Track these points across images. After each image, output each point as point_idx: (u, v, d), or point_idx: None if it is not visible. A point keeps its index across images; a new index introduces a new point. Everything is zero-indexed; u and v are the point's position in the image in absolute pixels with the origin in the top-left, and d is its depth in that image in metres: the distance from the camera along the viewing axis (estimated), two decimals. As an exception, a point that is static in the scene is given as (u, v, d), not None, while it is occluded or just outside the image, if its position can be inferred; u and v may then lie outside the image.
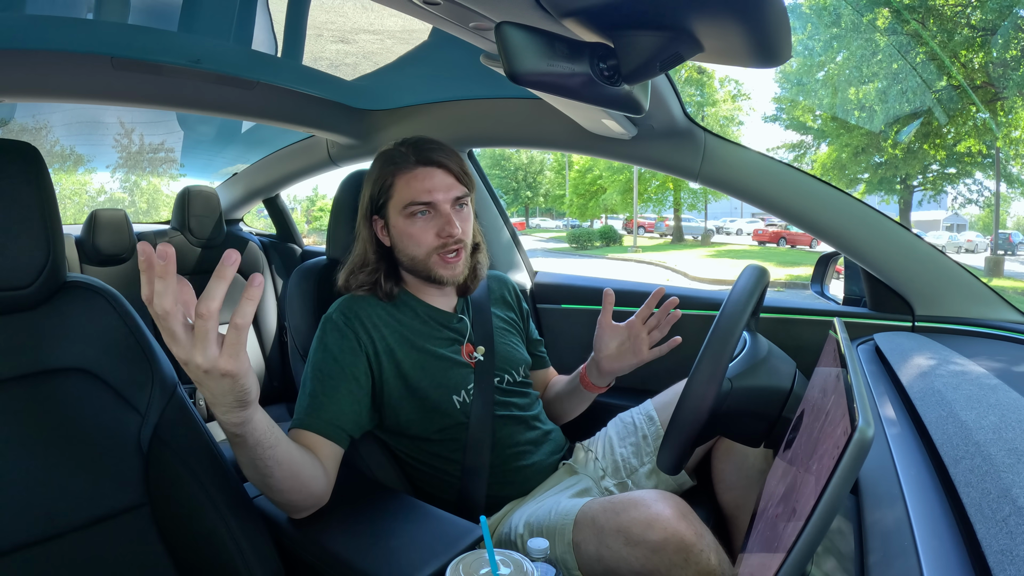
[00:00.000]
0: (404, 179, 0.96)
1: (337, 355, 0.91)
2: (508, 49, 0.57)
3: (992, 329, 1.06)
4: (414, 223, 0.96)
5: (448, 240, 0.95)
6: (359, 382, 0.91)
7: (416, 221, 0.96)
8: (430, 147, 0.97)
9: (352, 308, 0.96)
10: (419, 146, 0.97)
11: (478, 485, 0.97)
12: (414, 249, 0.97)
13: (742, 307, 0.77)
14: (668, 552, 0.74)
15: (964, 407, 0.57)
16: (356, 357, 0.92)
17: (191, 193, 2.04)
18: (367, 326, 0.95)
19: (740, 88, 19.47)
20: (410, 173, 0.96)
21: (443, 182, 0.96)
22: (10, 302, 0.69)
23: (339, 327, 0.94)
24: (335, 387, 0.89)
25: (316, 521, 0.80)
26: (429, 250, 0.97)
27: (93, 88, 1.17)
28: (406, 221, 0.96)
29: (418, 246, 0.96)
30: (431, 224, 0.96)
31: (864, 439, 0.36)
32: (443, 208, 0.96)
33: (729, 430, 0.86)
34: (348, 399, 0.89)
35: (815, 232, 1.18)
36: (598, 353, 1.05)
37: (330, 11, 1.01)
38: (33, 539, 0.65)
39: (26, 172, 0.69)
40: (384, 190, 0.98)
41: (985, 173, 14.25)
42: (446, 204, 0.96)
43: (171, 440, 0.75)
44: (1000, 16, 10.53)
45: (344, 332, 0.93)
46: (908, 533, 0.42)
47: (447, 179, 0.96)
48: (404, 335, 0.98)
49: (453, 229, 0.95)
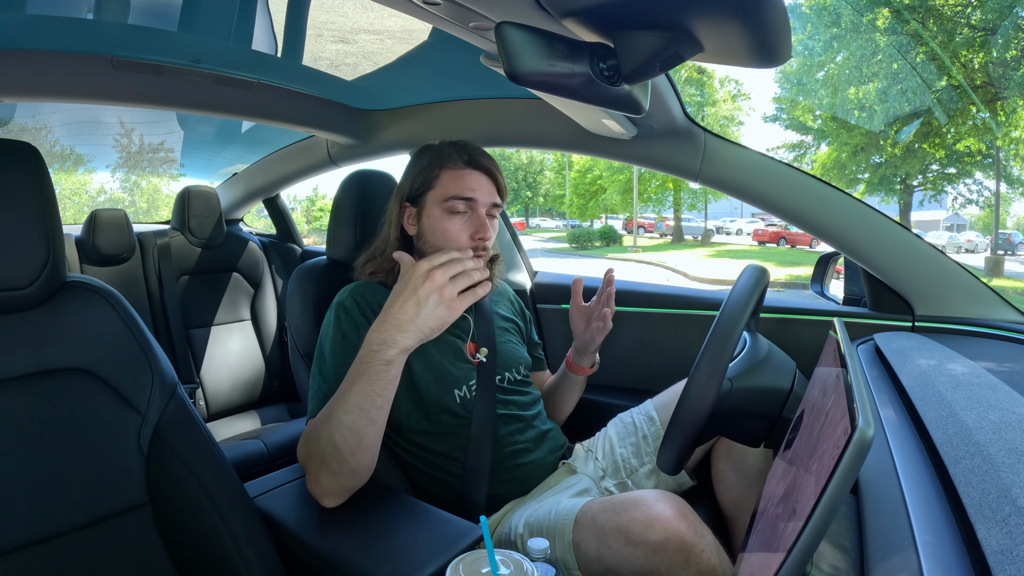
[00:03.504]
0: (451, 174, 0.99)
1: (356, 342, 0.91)
2: (508, 49, 0.57)
3: (992, 329, 1.06)
4: (451, 219, 0.98)
5: (480, 243, 0.98)
6: None
7: (454, 218, 0.98)
8: (481, 153, 1.02)
9: (363, 295, 0.97)
10: (470, 149, 1.01)
11: (479, 485, 0.97)
12: (443, 243, 0.98)
13: (742, 307, 0.77)
14: (668, 552, 0.74)
15: (964, 407, 0.57)
16: None
17: (191, 193, 2.04)
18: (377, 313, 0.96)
19: (740, 88, 19.47)
20: (459, 171, 0.99)
21: (487, 187, 1.00)
22: (10, 302, 0.69)
23: (353, 314, 0.94)
24: None
25: (316, 521, 0.80)
26: (459, 247, 0.97)
27: (93, 88, 1.17)
28: (443, 215, 0.98)
29: (448, 242, 0.98)
30: (467, 224, 0.98)
31: (864, 439, 0.36)
32: (480, 211, 0.98)
33: (729, 430, 0.86)
34: None
35: (815, 232, 1.18)
36: (575, 334, 1.18)
37: (330, 11, 1.01)
38: (33, 539, 0.65)
39: (26, 172, 0.69)
40: (428, 180, 1.00)
41: (985, 173, 14.25)
42: (483, 208, 0.99)
43: (171, 440, 0.75)
44: (1000, 16, 10.53)
45: (358, 318, 0.94)
46: (908, 533, 0.42)
47: (490, 185, 1.00)
48: None
49: (487, 232, 0.98)
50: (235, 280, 2.09)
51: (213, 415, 1.96)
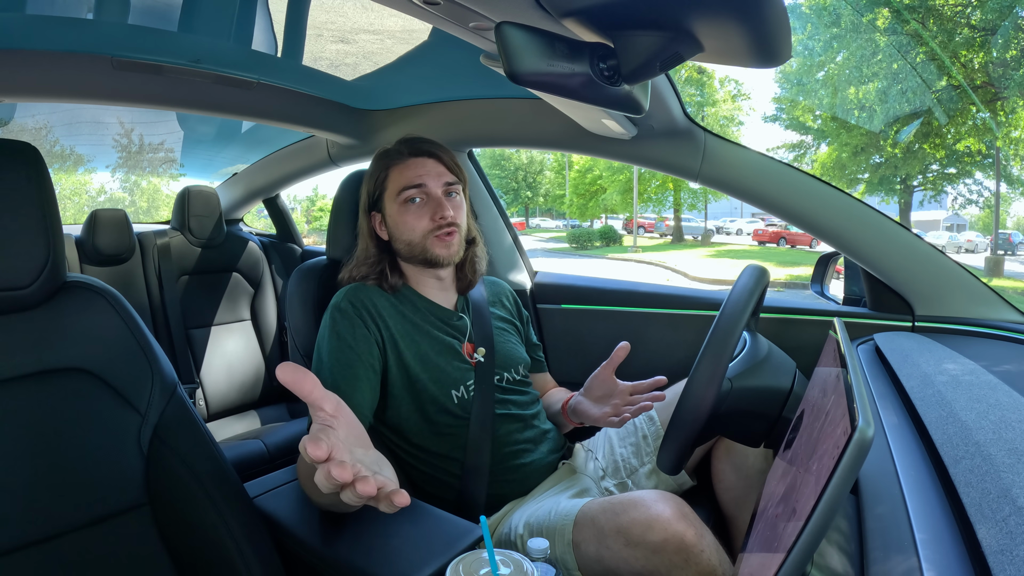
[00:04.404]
0: (397, 169, 1.02)
1: (352, 343, 0.92)
2: (508, 49, 0.57)
3: (992, 329, 1.06)
4: (408, 209, 1.01)
5: (441, 222, 1.00)
6: (375, 370, 0.93)
7: (410, 208, 1.01)
8: (421, 141, 1.04)
9: (359, 296, 0.97)
10: (411, 141, 1.04)
11: (479, 485, 0.97)
12: (409, 234, 1.01)
13: (742, 307, 0.77)
14: (668, 552, 0.74)
15: (964, 407, 0.57)
16: (369, 345, 0.93)
17: (191, 193, 2.04)
18: (374, 314, 0.97)
19: (740, 88, 19.46)
20: (403, 163, 1.02)
21: (434, 169, 1.02)
22: (10, 302, 0.69)
23: (349, 315, 0.94)
24: (355, 376, 0.90)
25: (316, 521, 0.80)
26: (424, 232, 1.01)
27: (93, 88, 1.17)
28: (400, 208, 1.01)
29: (413, 231, 1.01)
30: (424, 209, 1.01)
31: (864, 439, 0.36)
32: (434, 193, 1.01)
33: (729, 430, 0.86)
34: (367, 387, 0.90)
35: (815, 232, 1.18)
36: (585, 391, 1.03)
37: (330, 11, 1.01)
38: (33, 539, 0.65)
39: (26, 172, 0.69)
40: (379, 183, 1.03)
41: (985, 173, 14.24)
42: (437, 189, 1.01)
43: (171, 440, 0.75)
44: (1000, 16, 10.53)
45: (355, 320, 0.94)
46: (908, 533, 0.42)
47: (438, 167, 1.02)
48: (407, 326, 0.99)
49: (445, 211, 1.00)
50: (235, 280, 2.09)
51: (213, 415, 1.96)
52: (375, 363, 0.93)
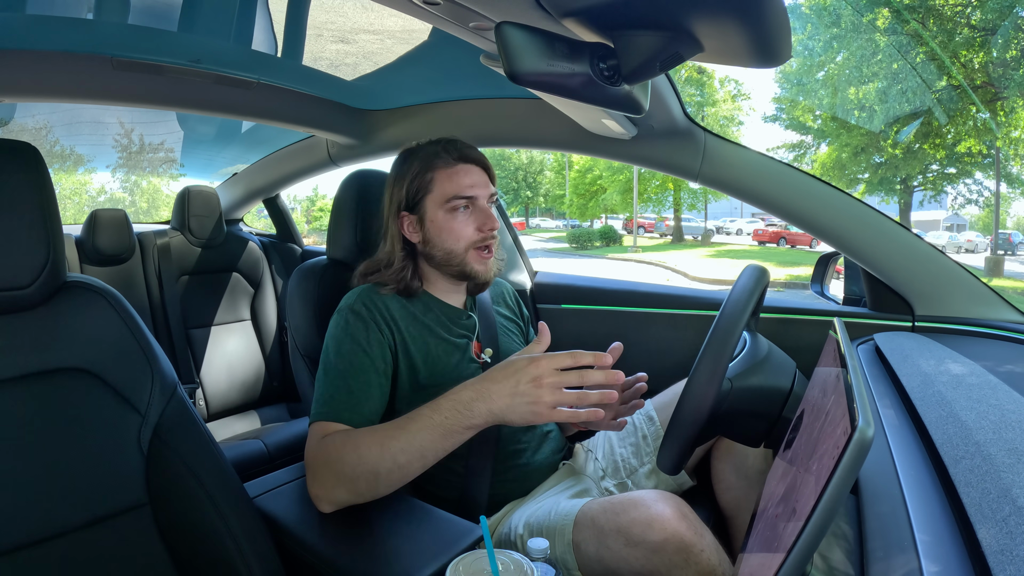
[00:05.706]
0: (446, 174, 0.99)
1: (366, 347, 0.91)
2: (508, 49, 0.57)
3: (992, 329, 1.06)
4: (455, 217, 0.98)
5: (488, 234, 0.99)
6: (386, 375, 0.92)
7: (457, 216, 0.98)
8: (466, 146, 1.01)
9: (372, 299, 0.96)
10: (456, 144, 1.01)
11: (481, 485, 0.96)
12: (452, 243, 0.98)
13: (742, 307, 0.77)
14: (668, 552, 0.74)
15: (964, 407, 0.57)
16: (383, 350, 0.93)
17: (191, 193, 2.04)
18: (387, 318, 0.96)
19: (740, 88, 19.47)
20: (451, 169, 0.99)
21: (482, 179, 1.00)
22: (10, 302, 0.69)
23: (363, 318, 0.93)
24: (368, 380, 0.89)
25: (316, 521, 0.80)
26: (468, 244, 0.99)
27: (93, 88, 1.17)
28: (447, 215, 0.98)
29: (457, 240, 0.98)
30: (471, 219, 0.99)
31: (864, 439, 0.36)
32: (482, 204, 0.99)
33: (729, 430, 0.86)
34: (378, 392, 0.90)
35: (815, 232, 1.18)
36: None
37: (330, 11, 1.01)
38: (33, 539, 0.65)
39: (26, 172, 0.69)
40: (423, 185, 0.99)
41: (985, 173, 14.24)
42: (484, 200, 1.00)
43: (171, 440, 0.75)
44: (1000, 16, 10.53)
45: (369, 324, 0.93)
46: (908, 533, 0.42)
47: (484, 177, 1.01)
48: (417, 327, 0.98)
49: (493, 223, 0.99)
50: (235, 280, 2.09)
51: (213, 415, 1.96)
52: (387, 368, 0.92)
